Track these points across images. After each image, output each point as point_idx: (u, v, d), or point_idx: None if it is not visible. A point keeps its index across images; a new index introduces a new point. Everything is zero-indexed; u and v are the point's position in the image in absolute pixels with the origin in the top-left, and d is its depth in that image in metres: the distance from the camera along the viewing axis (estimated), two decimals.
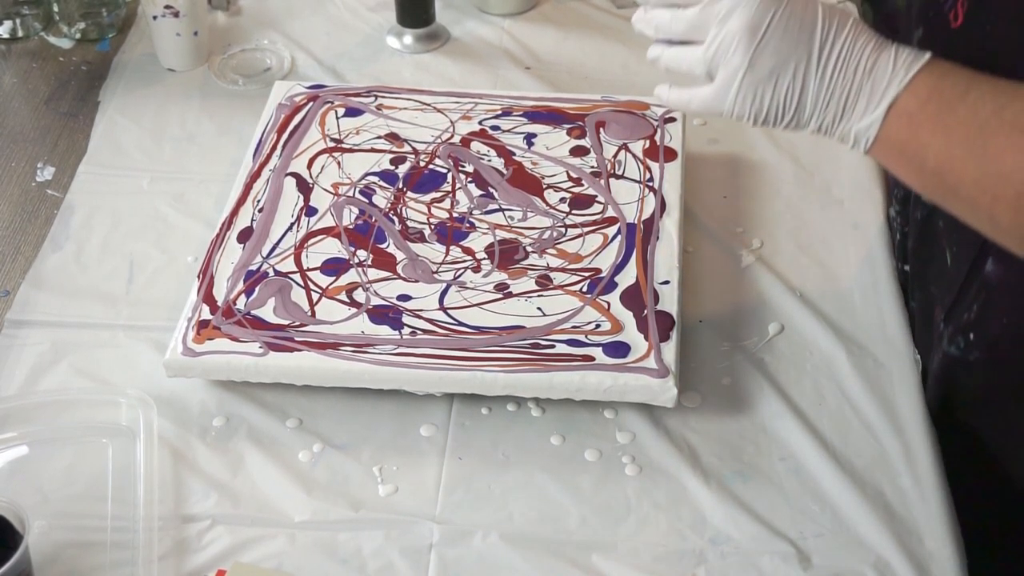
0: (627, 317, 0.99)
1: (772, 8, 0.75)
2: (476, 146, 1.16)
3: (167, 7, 1.30)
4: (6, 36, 1.41)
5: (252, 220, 1.08)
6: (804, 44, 0.75)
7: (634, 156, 1.14)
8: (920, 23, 0.87)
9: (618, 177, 1.12)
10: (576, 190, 1.11)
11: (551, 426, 0.97)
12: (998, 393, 0.92)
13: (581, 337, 0.97)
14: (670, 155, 1.13)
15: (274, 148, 1.16)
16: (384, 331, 0.98)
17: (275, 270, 1.03)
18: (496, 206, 1.10)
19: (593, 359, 0.95)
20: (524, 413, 0.98)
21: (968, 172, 0.71)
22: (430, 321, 0.99)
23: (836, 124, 0.77)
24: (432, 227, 1.08)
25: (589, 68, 1.36)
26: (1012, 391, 0.91)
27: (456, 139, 1.17)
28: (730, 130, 1.24)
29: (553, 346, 0.96)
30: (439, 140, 1.17)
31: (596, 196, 1.10)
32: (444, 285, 1.02)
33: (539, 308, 1.00)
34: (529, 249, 1.06)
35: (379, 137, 1.18)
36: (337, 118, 1.20)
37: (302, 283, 1.02)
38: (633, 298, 1.00)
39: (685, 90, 0.81)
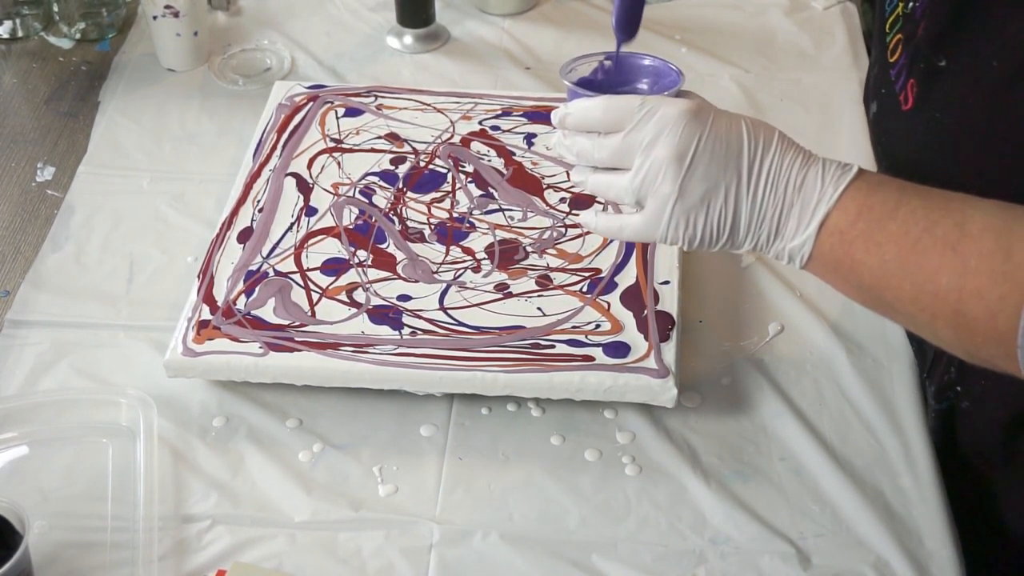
0: (627, 317, 0.99)
1: (696, 133, 0.73)
2: (476, 146, 1.16)
3: (167, 7, 1.30)
4: (6, 36, 1.41)
5: (252, 220, 1.08)
6: (733, 167, 0.73)
7: None
8: (874, 98, 0.86)
9: None
10: (576, 190, 1.11)
11: (551, 426, 0.97)
12: (995, 428, 0.92)
13: (581, 337, 0.97)
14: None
15: (274, 148, 1.16)
16: (384, 331, 0.98)
17: (275, 270, 1.03)
18: (496, 206, 1.10)
19: (593, 359, 0.95)
20: (524, 413, 0.98)
21: (904, 290, 0.69)
22: (430, 321, 0.99)
23: (770, 243, 0.74)
24: (432, 227, 1.08)
25: None
26: (1008, 425, 0.90)
27: (456, 139, 1.17)
28: None
29: (553, 346, 0.97)
30: (439, 140, 1.17)
31: (596, 196, 1.10)
32: (444, 285, 1.02)
33: (539, 308, 1.00)
34: (529, 249, 1.06)
35: (379, 137, 1.18)
36: (337, 118, 1.20)
37: (302, 283, 1.02)
38: (633, 298, 1.00)
39: (615, 218, 0.79)
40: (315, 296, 1.01)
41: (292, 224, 1.08)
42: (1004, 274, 0.65)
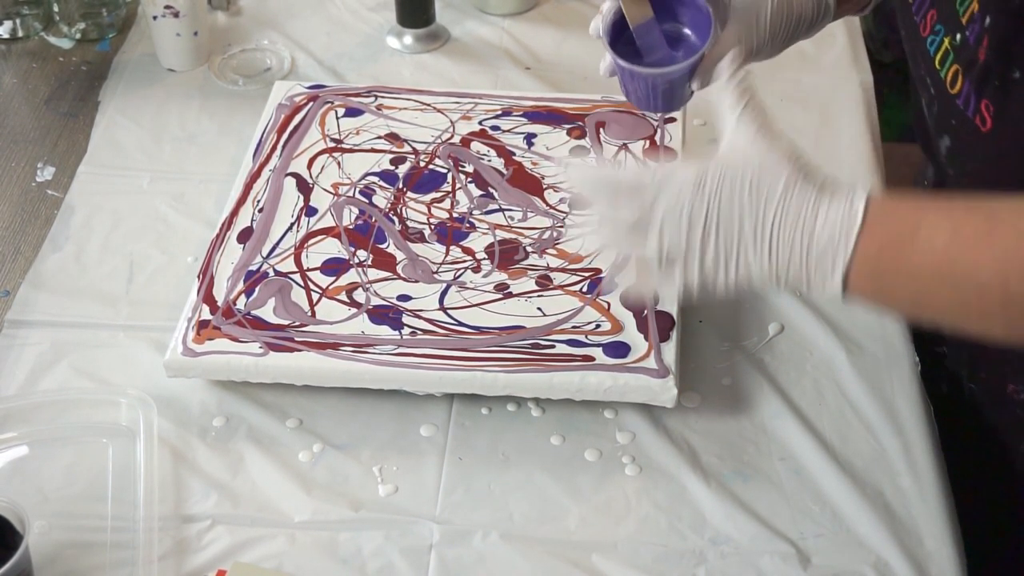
0: (627, 317, 0.99)
1: (704, 202, 0.72)
2: (476, 146, 1.16)
3: (167, 7, 1.30)
4: (6, 36, 1.41)
5: (252, 220, 1.08)
6: (744, 225, 0.72)
7: (634, 156, 1.14)
8: (944, 132, 0.85)
9: None
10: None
11: (551, 426, 0.97)
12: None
13: (581, 337, 0.97)
14: (670, 155, 1.13)
15: (274, 148, 1.16)
16: (384, 331, 0.98)
17: (275, 270, 1.03)
18: (496, 206, 1.10)
19: (593, 359, 0.95)
20: (524, 413, 0.98)
21: (946, 297, 0.69)
22: (430, 321, 0.99)
23: (800, 290, 0.74)
24: (432, 227, 1.08)
25: (589, 68, 1.36)
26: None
27: (456, 139, 1.17)
28: None
29: (553, 346, 0.97)
30: (439, 140, 1.17)
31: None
32: (444, 285, 1.02)
33: (539, 308, 1.00)
34: (529, 249, 1.06)
35: (379, 137, 1.18)
36: (337, 118, 1.20)
37: (302, 283, 1.02)
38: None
39: (635, 285, 0.78)
40: (315, 296, 1.01)
41: (292, 224, 1.08)
42: None
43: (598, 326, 0.98)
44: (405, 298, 1.01)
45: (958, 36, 0.82)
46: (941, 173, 0.92)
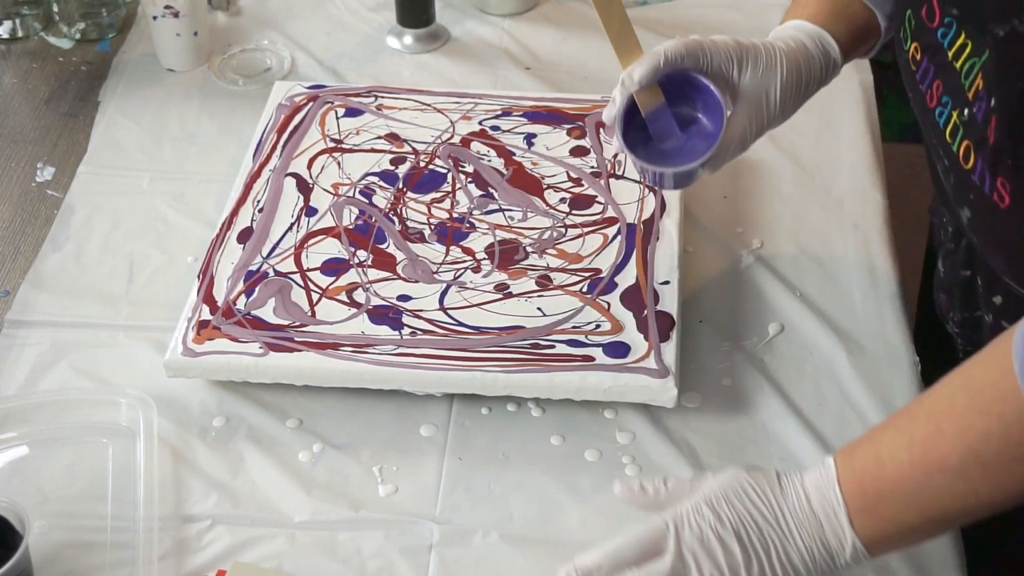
0: (627, 317, 0.99)
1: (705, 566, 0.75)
2: (476, 146, 1.16)
3: (167, 7, 1.30)
4: (6, 36, 1.41)
5: (252, 220, 1.08)
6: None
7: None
8: (963, 204, 0.85)
9: (618, 177, 1.12)
10: (576, 190, 1.11)
11: (551, 426, 0.97)
12: None
13: (581, 337, 0.97)
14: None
15: (274, 148, 1.16)
16: (384, 331, 0.98)
17: (275, 270, 1.03)
18: (496, 206, 1.10)
19: (593, 359, 0.95)
20: (524, 413, 0.98)
21: (944, 493, 0.72)
22: (430, 321, 0.99)
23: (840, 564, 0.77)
24: (432, 227, 1.08)
25: (589, 68, 1.36)
26: None
27: (456, 139, 1.17)
28: None
29: (553, 346, 0.97)
30: (439, 140, 1.17)
31: (596, 196, 1.10)
32: (444, 285, 1.02)
33: (539, 308, 1.00)
34: (529, 249, 1.06)
35: (379, 137, 1.18)
36: (337, 118, 1.20)
37: (302, 283, 1.02)
38: (633, 298, 1.00)
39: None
40: (315, 296, 1.01)
41: (292, 224, 1.08)
42: (986, 405, 0.69)
43: (598, 326, 0.98)
44: (405, 298, 1.01)
45: (966, 111, 0.81)
46: (967, 236, 0.93)
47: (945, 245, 1.03)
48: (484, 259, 1.05)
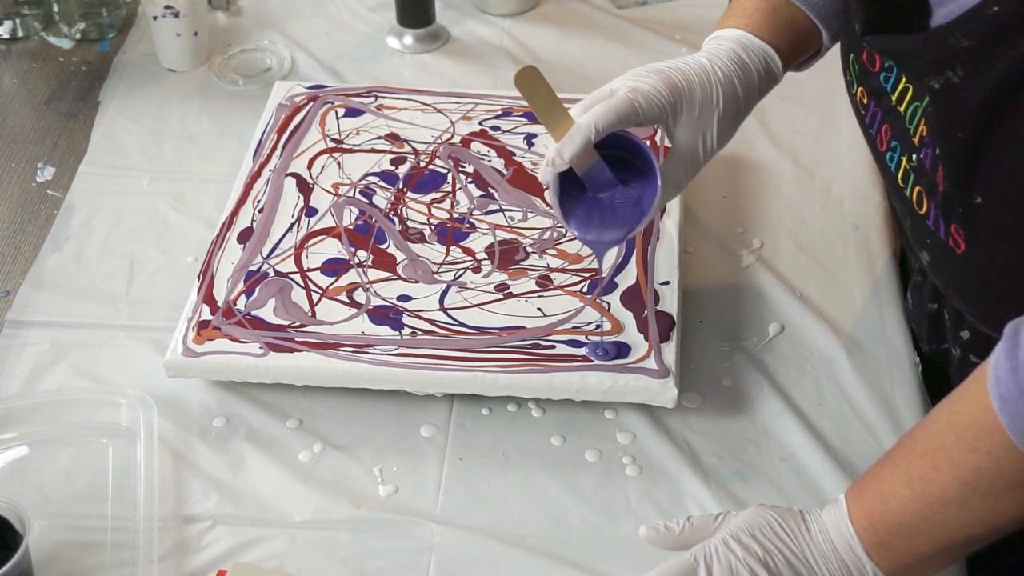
0: (627, 317, 0.99)
1: None
2: (476, 146, 1.16)
3: (167, 7, 1.30)
4: (6, 36, 1.41)
5: (252, 220, 1.08)
6: None
7: None
8: (921, 247, 0.85)
9: None
10: None
11: (551, 426, 0.97)
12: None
13: (581, 338, 0.97)
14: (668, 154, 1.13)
15: (274, 148, 1.16)
16: (384, 331, 0.98)
17: (275, 270, 1.03)
18: (496, 206, 1.10)
19: (593, 359, 0.95)
20: (524, 413, 0.98)
21: (949, 522, 0.73)
22: (430, 321, 0.99)
23: None
24: (432, 227, 1.08)
25: (589, 68, 1.36)
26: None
27: (456, 139, 1.17)
28: None
29: (553, 346, 0.97)
30: (439, 140, 1.17)
31: None
32: (444, 285, 1.02)
33: (539, 308, 1.00)
34: (529, 249, 1.06)
35: (379, 137, 1.18)
36: (337, 118, 1.20)
37: (302, 283, 1.02)
38: (633, 298, 1.00)
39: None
40: (315, 296, 1.01)
41: (292, 224, 1.08)
42: (973, 442, 0.71)
43: (598, 326, 0.98)
44: (405, 298, 1.01)
45: (914, 157, 0.81)
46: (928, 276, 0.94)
47: (913, 278, 1.03)
48: (484, 259, 1.05)
